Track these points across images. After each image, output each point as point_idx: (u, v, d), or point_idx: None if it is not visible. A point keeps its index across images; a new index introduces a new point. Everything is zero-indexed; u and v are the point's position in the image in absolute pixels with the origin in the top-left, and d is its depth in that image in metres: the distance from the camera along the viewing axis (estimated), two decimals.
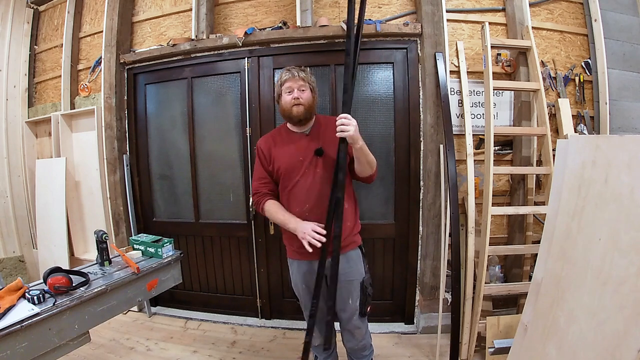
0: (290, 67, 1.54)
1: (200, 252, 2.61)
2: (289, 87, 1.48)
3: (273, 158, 1.54)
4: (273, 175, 1.56)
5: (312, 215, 1.46)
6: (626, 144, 0.86)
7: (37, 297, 1.17)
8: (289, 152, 1.52)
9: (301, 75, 1.49)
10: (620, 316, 0.80)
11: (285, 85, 1.49)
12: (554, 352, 1.02)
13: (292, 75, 1.48)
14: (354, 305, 1.55)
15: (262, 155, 1.57)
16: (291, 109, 1.48)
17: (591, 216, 0.95)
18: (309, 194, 1.48)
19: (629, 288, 0.78)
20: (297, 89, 1.48)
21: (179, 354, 2.13)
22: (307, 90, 1.50)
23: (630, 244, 0.80)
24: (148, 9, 2.61)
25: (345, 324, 1.60)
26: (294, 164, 1.50)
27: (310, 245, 1.38)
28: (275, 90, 1.56)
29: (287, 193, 1.52)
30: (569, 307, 0.99)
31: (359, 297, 1.54)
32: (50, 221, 2.69)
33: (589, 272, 0.92)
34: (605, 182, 0.91)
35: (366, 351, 1.68)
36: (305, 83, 1.50)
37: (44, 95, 3.03)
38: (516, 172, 2.16)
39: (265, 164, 1.56)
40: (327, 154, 1.48)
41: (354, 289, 1.54)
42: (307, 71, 1.53)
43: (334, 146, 1.43)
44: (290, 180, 1.50)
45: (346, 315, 1.57)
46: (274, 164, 1.53)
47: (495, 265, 2.23)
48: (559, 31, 2.26)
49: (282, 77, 1.51)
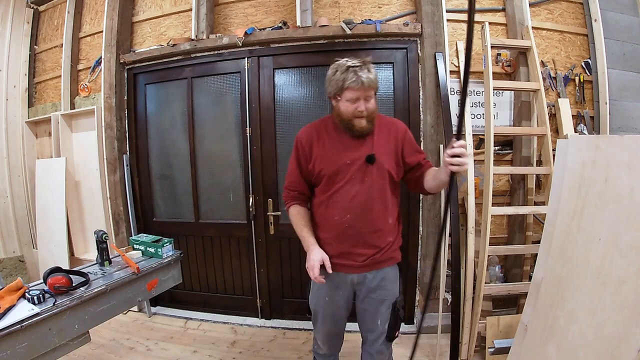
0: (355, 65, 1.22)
1: (200, 252, 2.61)
2: (354, 96, 1.23)
3: (314, 156, 1.35)
4: (310, 175, 1.37)
5: (350, 228, 1.30)
6: (626, 144, 0.86)
7: (37, 297, 1.17)
8: (334, 152, 1.32)
9: (371, 83, 1.22)
10: (620, 316, 0.80)
11: (350, 92, 1.23)
12: (554, 352, 1.02)
13: (360, 84, 1.20)
14: (382, 327, 1.39)
15: (302, 150, 1.37)
16: (352, 121, 1.27)
17: (591, 216, 0.95)
18: (352, 203, 1.29)
19: (629, 288, 0.78)
20: (363, 99, 1.24)
21: (179, 354, 2.13)
22: (372, 99, 1.27)
23: (630, 244, 0.80)
24: (148, 9, 2.61)
25: (368, 346, 1.45)
26: (339, 167, 1.31)
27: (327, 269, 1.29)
28: (329, 85, 1.29)
29: (328, 197, 1.33)
30: (569, 307, 0.99)
31: (389, 319, 1.38)
32: (50, 221, 2.69)
33: (589, 272, 0.92)
34: (605, 182, 0.91)
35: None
36: (372, 91, 1.25)
37: (44, 95, 3.03)
38: (516, 172, 2.16)
39: (304, 161, 1.37)
40: (379, 162, 1.29)
41: (385, 310, 1.38)
42: (373, 71, 1.24)
43: (387, 154, 1.31)
44: (332, 185, 1.32)
45: (372, 337, 1.42)
46: (315, 162, 1.34)
47: (495, 265, 2.23)
48: (559, 31, 2.26)
49: (345, 79, 1.22)
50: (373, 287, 1.36)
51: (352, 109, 1.25)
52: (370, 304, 1.38)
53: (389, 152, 1.32)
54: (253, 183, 2.38)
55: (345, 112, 1.27)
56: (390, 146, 1.33)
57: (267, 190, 2.37)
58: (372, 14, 2.28)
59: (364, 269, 1.33)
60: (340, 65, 1.25)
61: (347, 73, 1.22)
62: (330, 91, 1.30)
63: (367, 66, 1.23)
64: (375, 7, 2.28)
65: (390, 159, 1.33)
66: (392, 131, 1.37)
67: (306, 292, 1.51)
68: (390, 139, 1.35)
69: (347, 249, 1.33)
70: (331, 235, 1.34)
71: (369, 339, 1.44)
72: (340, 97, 1.26)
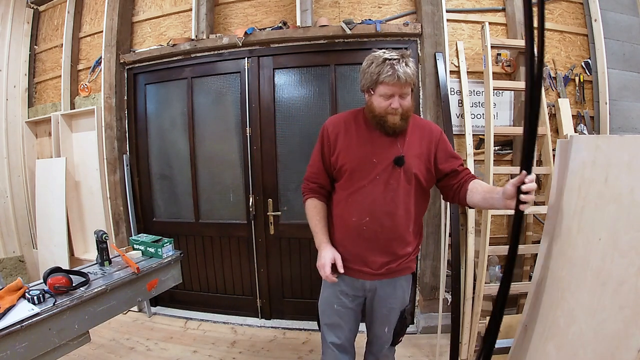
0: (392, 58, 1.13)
1: (200, 252, 2.61)
2: (389, 91, 1.15)
3: (338, 148, 1.26)
4: (332, 168, 1.29)
5: (368, 231, 1.22)
6: (626, 144, 0.86)
7: (37, 297, 1.17)
8: (360, 148, 1.24)
9: (409, 79, 1.13)
10: (620, 316, 0.80)
11: (384, 87, 1.15)
12: (554, 352, 1.02)
13: (396, 78, 1.11)
14: (389, 334, 1.38)
15: (327, 141, 1.29)
16: (386, 117, 1.19)
17: (591, 216, 0.95)
18: (373, 205, 1.21)
19: (629, 288, 0.78)
20: (399, 95, 1.16)
21: (179, 354, 2.13)
22: (409, 96, 1.18)
23: (630, 244, 0.80)
24: (148, 9, 2.61)
25: (373, 349, 1.45)
26: (363, 165, 1.22)
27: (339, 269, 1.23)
28: (363, 78, 1.21)
29: (348, 195, 1.25)
30: (569, 307, 0.98)
31: (395, 326, 1.37)
32: (50, 221, 2.69)
33: (589, 272, 0.92)
34: (605, 182, 0.90)
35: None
36: (409, 86, 1.16)
37: (44, 95, 3.03)
38: (516, 172, 2.14)
39: (327, 151, 1.29)
40: (408, 165, 1.21)
41: (392, 317, 1.35)
42: (412, 66, 1.15)
43: (418, 157, 1.23)
44: (354, 183, 1.24)
45: (378, 342, 1.42)
46: (338, 156, 1.26)
47: (495, 265, 2.23)
48: (559, 31, 2.26)
49: (380, 72, 1.13)
50: (385, 296, 1.31)
51: (385, 105, 1.17)
52: (380, 312, 1.34)
53: (420, 155, 1.24)
54: (253, 183, 2.38)
55: (378, 108, 1.19)
56: (422, 149, 1.25)
57: (267, 190, 2.37)
58: (372, 14, 2.28)
59: (378, 276, 1.27)
60: (376, 57, 1.16)
61: (383, 66, 1.13)
62: (364, 84, 1.21)
63: (406, 60, 1.14)
64: (375, 7, 2.28)
65: (420, 163, 1.24)
66: (426, 134, 1.28)
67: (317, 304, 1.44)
68: (423, 142, 1.26)
69: (361, 253, 1.25)
70: (346, 237, 1.27)
71: (376, 343, 1.42)
72: (374, 91, 1.18)
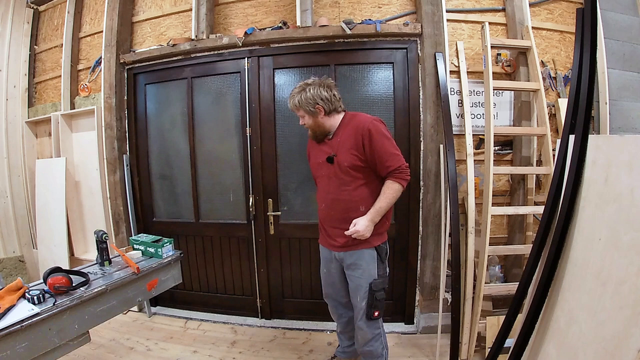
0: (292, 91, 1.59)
1: (200, 252, 2.61)
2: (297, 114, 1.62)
3: (308, 154, 1.75)
4: None
5: (325, 214, 1.63)
6: (626, 144, 0.86)
7: (37, 297, 1.17)
8: (315, 153, 1.67)
9: (293, 104, 1.57)
10: (620, 316, 0.80)
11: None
12: (554, 352, 1.02)
13: (290, 105, 1.60)
14: (361, 304, 1.59)
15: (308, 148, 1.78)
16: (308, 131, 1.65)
17: (591, 216, 0.95)
18: (325, 195, 1.61)
19: (629, 288, 0.78)
20: (300, 117, 1.61)
21: (179, 354, 2.13)
22: (305, 116, 1.58)
23: (630, 244, 0.80)
24: (148, 9, 2.61)
25: (355, 320, 1.68)
26: (315, 166, 1.68)
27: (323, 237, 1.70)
28: None
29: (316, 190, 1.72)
30: (569, 307, 0.99)
31: (366, 298, 1.56)
32: (50, 221, 2.69)
33: (589, 272, 0.92)
34: (605, 182, 0.90)
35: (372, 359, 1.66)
36: (299, 110, 1.57)
37: (44, 95, 3.03)
38: (516, 172, 2.16)
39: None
40: (339, 161, 1.54)
41: (361, 288, 1.58)
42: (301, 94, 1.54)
43: (347, 152, 1.52)
44: (315, 179, 1.72)
45: (356, 312, 1.65)
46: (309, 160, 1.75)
47: (495, 265, 2.23)
48: (559, 31, 2.25)
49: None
50: (350, 265, 1.60)
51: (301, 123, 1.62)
52: (351, 279, 1.63)
53: (350, 149, 1.51)
54: (253, 183, 2.38)
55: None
56: (351, 143, 1.52)
57: (267, 190, 2.37)
58: (372, 14, 2.28)
59: (341, 249, 1.60)
60: None
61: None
62: None
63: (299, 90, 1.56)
64: (375, 7, 2.28)
65: (352, 156, 1.51)
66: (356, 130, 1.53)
67: None
68: (351, 137, 1.53)
69: (327, 230, 1.65)
70: (319, 216, 1.70)
71: (355, 313, 1.67)
72: None
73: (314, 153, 1.68)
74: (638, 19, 2.26)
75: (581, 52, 1.02)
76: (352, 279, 1.62)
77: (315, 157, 1.66)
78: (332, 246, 1.63)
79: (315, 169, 1.68)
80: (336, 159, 1.54)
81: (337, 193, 1.56)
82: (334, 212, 1.58)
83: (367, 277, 1.57)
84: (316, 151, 1.65)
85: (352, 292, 1.64)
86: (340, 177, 1.54)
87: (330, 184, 1.57)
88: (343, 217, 1.55)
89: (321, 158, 1.60)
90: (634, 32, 2.25)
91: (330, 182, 1.57)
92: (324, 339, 2.21)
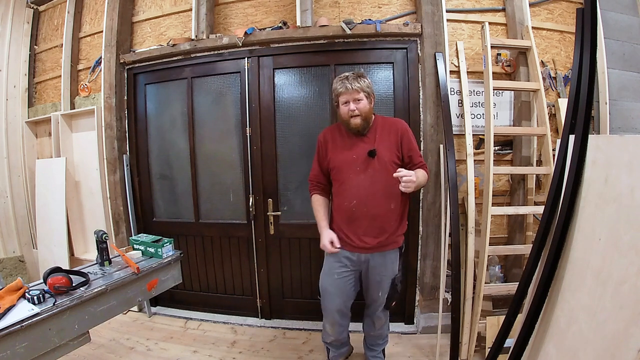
0: (344, 76, 1.54)
1: (200, 252, 2.61)
2: (344, 99, 1.54)
3: (329, 152, 1.65)
4: (327, 169, 1.67)
5: (357, 212, 1.56)
6: (626, 144, 0.86)
7: (37, 297, 1.17)
8: (343, 150, 1.61)
9: (356, 86, 1.51)
10: (620, 316, 0.80)
11: (341, 97, 1.55)
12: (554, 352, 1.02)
13: (345, 88, 1.51)
14: (382, 298, 1.67)
15: (321, 148, 1.69)
16: (349, 120, 1.55)
17: (591, 216, 0.95)
18: (357, 191, 1.56)
19: (629, 288, 0.78)
20: (352, 101, 1.53)
21: (179, 354, 2.13)
22: (363, 100, 1.54)
23: (630, 244, 0.80)
24: (148, 9, 2.61)
25: (370, 313, 1.77)
26: (346, 162, 1.59)
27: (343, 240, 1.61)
28: (333, 96, 1.62)
29: (339, 187, 1.63)
30: (569, 307, 0.98)
31: (388, 292, 1.66)
32: (50, 221, 2.69)
33: (589, 272, 0.92)
34: (605, 182, 0.90)
35: (381, 340, 1.86)
36: (360, 93, 1.52)
37: (44, 95, 3.03)
38: (516, 172, 2.16)
39: (322, 156, 1.68)
40: (380, 155, 1.56)
41: (385, 284, 1.65)
42: (361, 79, 1.54)
43: (387, 149, 1.57)
44: (341, 176, 1.60)
45: (374, 307, 1.73)
46: (329, 158, 1.65)
47: (495, 265, 2.23)
48: (559, 31, 2.25)
49: (336, 88, 1.56)
50: (376, 266, 1.62)
51: (345, 110, 1.55)
52: (374, 279, 1.64)
53: (389, 147, 1.57)
54: (253, 183, 2.38)
55: (342, 114, 1.57)
56: (390, 141, 1.58)
57: (267, 190, 2.37)
58: (372, 14, 2.28)
59: (371, 250, 1.58)
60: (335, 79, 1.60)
61: (338, 84, 1.56)
62: (333, 99, 1.62)
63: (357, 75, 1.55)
64: (375, 7, 2.28)
65: (390, 152, 1.57)
66: (393, 129, 1.63)
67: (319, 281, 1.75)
68: (391, 135, 1.60)
69: (356, 231, 1.58)
70: (342, 219, 1.61)
71: (372, 307, 1.74)
72: (338, 103, 1.57)
73: (345, 148, 1.61)
74: (638, 19, 2.26)
75: (581, 52, 1.02)
76: (374, 277, 1.64)
77: (347, 152, 1.59)
78: (361, 248, 1.59)
79: (347, 164, 1.59)
80: (378, 153, 1.55)
81: (373, 189, 1.54)
82: (367, 208, 1.54)
83: (391, 273, 1.65)
84: (348, 146, 1.60)
85: (373, 289, 1.67)
86: (379, 171, 1.54)
87: (366, 180, 1.55)
88: (376, 213, 1.55)
89: (357, 153, 1.57)
90: (634, 32, 2.25)
91: (366, 178, 1.55)
92: None
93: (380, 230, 1.57)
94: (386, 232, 1.58)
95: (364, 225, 1.57)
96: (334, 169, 1.62)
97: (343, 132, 1.65)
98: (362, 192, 1.55)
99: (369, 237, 1.57)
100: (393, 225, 1.59)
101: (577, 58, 1.03)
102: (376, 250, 1.59)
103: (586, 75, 0.99)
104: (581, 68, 0.99)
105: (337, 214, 1.65)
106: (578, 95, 1.02)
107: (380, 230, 1.57)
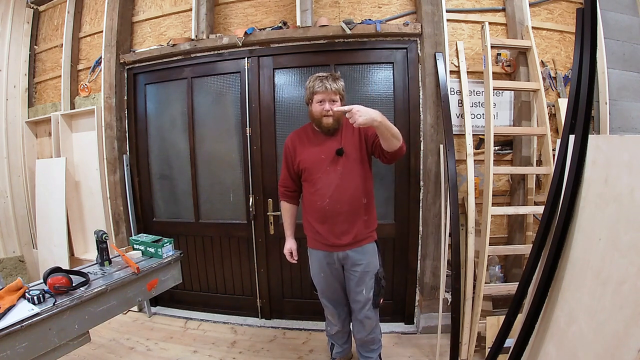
0: (322, 75, 1.56)
1: (200, 252, 2.61)
2: (320, 98, 1.56)
3: (297, 155, 1.67)
4: (296, 172, 1.69)
5: (330, 209, 1.58)
6: (626, 144, 0.86)
7: (37, 297, 1.17)
8: (312, 151, 1.63)
9: (334, 88, 1.54)
10: (620, 316, 0.80)
11: (317, 96, 1.56)
12: (553, 352, 1.02)
13: (325, 88, 1.53)
14: (367, 295, 1.65)
15: (288, 152, 1.70)
16: (321, 119, 1.58)
17: (591, 216, 0.95)
18: (329, 189, 1.58)
19: (629, 288, 0.78)
20: (328, 101, 1.55)
21: (179, 354, 2.13)
22: (337, 102, 1.57)
23: (630, 244, 0.80)
24: (148, 9, 2.61)
25: (357, 314, 1.72)
26: (316, 162, 1.61)
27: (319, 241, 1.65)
28: (306, 93, 1.63)
29: (311, 186, 1.64)
30: (569, 307, 0.98)
31: (373, 288, 1.65)
32: (50, 221, 2.69)
33: (589, 272, 0.92)
34: (605, 182, 0.90)
35: (374, 345, 1.80)
36: (337, 95, 1.56)
37: (44, 95, 3.03)
38: (516, 172, 2.16)
39: (290, 161, 1.70)
40: (347, 153, 1.59)
41: (368, 280, 1.64)
42: (339, 81, 1.57)
43: (353, 146, 1.60)
44: (312, 176, 1.62)
45: (359, 306, 1.69)
46: (298, 160, 1.66)
47: (495, 265, 2.23)
48: (559, 31, 2.25)
49: (314, 86, 1.56)
50: (355, 261, 1.63)
51: (320, 109, 1.57)
52: (354, 275, 1.65)
53: (354, 143, 1.61)
54: (253, 183, 2.38)
55: (315, 112, 1.59)
56: (355, 138, 1.61)
57: (267, 190, 2.37)
58: (372, 14, 2.28)
59: (348, 247, 1.61)
60: (311, 77, 1.60)
61: (316, 82, 1.56)
62: (306, 96, 1.63)
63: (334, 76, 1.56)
64: (375, 7, 2.28)
65: (357, 149, 1.61)
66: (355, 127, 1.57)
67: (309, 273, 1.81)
68: (354, 133, 1.62)
69: (330, 230, 1.60)
70: (315, 219, 1.64)
71: (356, 308, 1.71)
72: (312, 100, 1.59)
73: (311, 150, 1.64)
74: (638, 19, 2.26)
75: (581, 52, 1.02)
76: (355, 275, 1.65)
77: (316, 153, 1.62)
78: (336, 247, 1.62)
79: (317, 164, 1.61)
80: (346, 150, 1.58)
81: (344, 185, 1.57)
82: (340, 204, 1.57)
83: (373, 268, 1.65)
84: (314, 148, 1.63)
85: (356, 287, 1.66)
86: (348, 169, 1.58)
87: (337, 177, 1.58)
88: (348, 209, 1.58)
89: (325, 152, 1.60)
90: (634, 32, 2.25)
91: (337, 176, 1.58)
92: (324, 339, 2.20)
93: (354, 225, 1.60)
94: (360, 226, 1.61)
95: (338, 222, 1.59)
96: (305, 170, 1.64)
97: (310, 133, 1.68)
98: (333, 189, 1.57)
99: (344, 234, 1.59)
100: (367, 220, 1.63)
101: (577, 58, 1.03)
102: (353, 246, 1.62)
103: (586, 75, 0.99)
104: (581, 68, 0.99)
105: (310, 215, 1.67)
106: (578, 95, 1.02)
107: (354, 225, 1.60)
